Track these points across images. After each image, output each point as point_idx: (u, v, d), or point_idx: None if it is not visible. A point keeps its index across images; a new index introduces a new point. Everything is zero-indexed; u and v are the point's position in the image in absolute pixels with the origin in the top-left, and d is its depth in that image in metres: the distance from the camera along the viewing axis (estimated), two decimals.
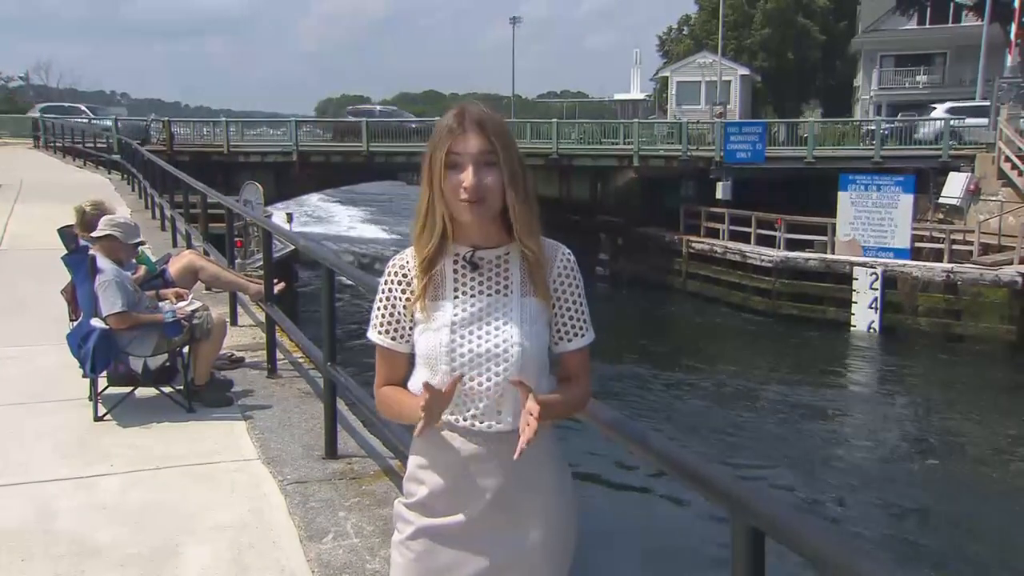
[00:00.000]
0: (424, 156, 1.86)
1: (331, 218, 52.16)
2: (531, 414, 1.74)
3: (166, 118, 33.45)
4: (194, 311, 5.22)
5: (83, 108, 36.99)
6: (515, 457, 1.73)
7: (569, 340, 1.92)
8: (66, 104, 38.61)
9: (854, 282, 21.74)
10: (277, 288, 6.14)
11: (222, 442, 4.70)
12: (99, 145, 27.62)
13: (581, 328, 1.93)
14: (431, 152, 1.83)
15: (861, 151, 26.93)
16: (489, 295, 1.87)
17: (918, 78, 43.93)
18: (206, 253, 8.44)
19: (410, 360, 1.96)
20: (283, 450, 4.58)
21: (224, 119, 31.43)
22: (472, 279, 1.87)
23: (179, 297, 5.60)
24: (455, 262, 1.88)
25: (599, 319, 1.94)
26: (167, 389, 5.20)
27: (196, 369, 5.20)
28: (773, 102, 51.52)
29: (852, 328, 21.61)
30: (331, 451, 4.50)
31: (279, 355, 6.15)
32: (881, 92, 44.37)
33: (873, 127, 28.45)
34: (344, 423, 4.80)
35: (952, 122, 26.06)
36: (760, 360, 20.30)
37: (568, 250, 1.94)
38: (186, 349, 5.21)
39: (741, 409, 16.64)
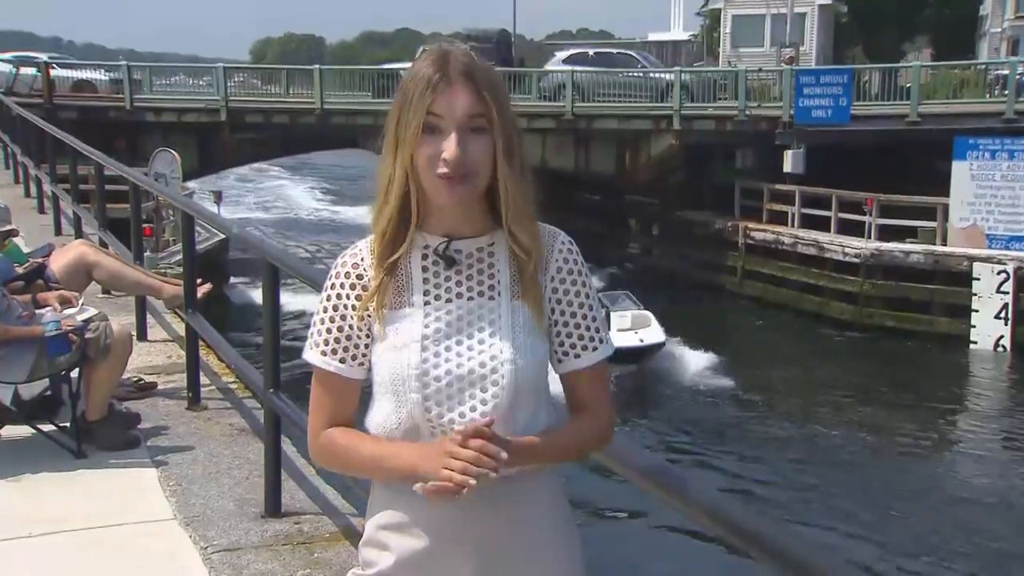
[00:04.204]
0: (390, 115, 1.87)
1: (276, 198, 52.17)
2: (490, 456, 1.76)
3: (43, 58, 33.39)
4: (86, 321, 5.23)
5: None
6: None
7: (577, 355, 1.94)
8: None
9: (975, 283, 21.77)
10: (201, 291, 6.15)
11: (124, 497, 4.70)
12: None
13: (593, 338, 1.94)
14: (400, 110, 1.84)
15: (987, 105, 26.75)
16: (470, 298, 1.89)
17: None
18: (103, 244, 8.45)
19: (362, 390, 1.97)
20: (208, 507, 4.59)
21: (125, 63, 31.35)
22: (447, 278, 1.89)
23: (65, 303, 5.60)
24: (424, 257, 1.90)
25: None
26: (48, 427, 5.18)
27: (89, 399, 5.20)
28: (863, 42, 51.52)
29: (972, 345, 21.65)
30: (273, 507, 4.50)
31: (204, 380, 6.15)
32: (1018, 23, 43.79)
33: (1005, 72, 27.99)
34: (291, 469, 4.81)
35: None
36: (842, 388, 20.30)
37: (568, 237, 1.96)
38: (75, 373, 5.20)
39: (817, 452, 16.66)
